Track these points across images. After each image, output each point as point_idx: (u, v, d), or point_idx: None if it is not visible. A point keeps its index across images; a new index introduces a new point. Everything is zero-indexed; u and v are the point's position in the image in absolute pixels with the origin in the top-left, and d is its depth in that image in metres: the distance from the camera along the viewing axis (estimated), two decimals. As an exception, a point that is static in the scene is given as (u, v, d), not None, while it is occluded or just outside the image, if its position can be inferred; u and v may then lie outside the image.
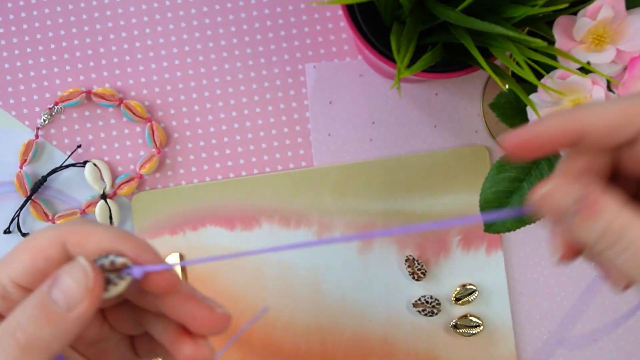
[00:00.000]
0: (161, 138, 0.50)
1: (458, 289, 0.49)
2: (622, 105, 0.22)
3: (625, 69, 0.34)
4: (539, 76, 0.35)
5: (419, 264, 0.49)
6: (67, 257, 0.24)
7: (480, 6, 0.34)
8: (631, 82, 0.33)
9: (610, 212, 0.21)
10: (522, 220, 0.38)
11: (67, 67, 0.51)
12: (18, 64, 0.51)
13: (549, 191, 0.22)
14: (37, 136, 0.50)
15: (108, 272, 0.24)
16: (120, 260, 0.24)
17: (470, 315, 0.49)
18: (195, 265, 0.50)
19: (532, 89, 0.37)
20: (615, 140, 0.22)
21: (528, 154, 0.23)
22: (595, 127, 0.22)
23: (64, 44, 0.51)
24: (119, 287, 0.24)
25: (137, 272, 0.24)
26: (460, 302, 0.49)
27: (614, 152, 0.24)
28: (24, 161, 0.50)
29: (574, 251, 0.25)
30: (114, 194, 0.50)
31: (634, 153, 0.22)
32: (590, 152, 0.24)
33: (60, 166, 0.50)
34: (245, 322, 0.50)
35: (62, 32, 0.51)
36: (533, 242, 0.50)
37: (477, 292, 0.49)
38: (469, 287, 0.49)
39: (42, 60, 0.51)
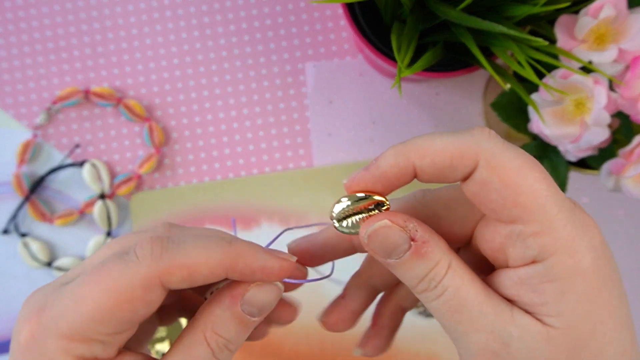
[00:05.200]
0: (160, 138, 0.50)
1: None
2: (452, 145, 0.21)
3: (627, 68, 0.34)
4: (541, 75, 0.34)
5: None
6: (165, 290, 0.23)
7: (481, 5, 0.34)
8: (633, 81, 0.33)
9: (436, 256, 0.22)
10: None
11: (66, 67, 0.50)
12: (16, 63, 0.50)
13: (383, 228, 0.22)
14: (35, 136, 0.50)
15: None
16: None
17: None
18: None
19: (534, 88, 0.36)
20: (447, 178, 0.22)
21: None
22: (426, 167, 0.21)
23: (62, 43, 0.50)
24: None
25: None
26: None
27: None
28: (22, 161, 0.50)
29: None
30: (113, 194, 0.50)
31: (468, 188, 0.22)
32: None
33: (59, 166, 0.50)
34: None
35: (61, 32, 0.50)
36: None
37: None
38: None
39: (40, 59, 0.50)
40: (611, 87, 0.34)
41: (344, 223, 0.23)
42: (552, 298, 0.20)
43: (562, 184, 0.38)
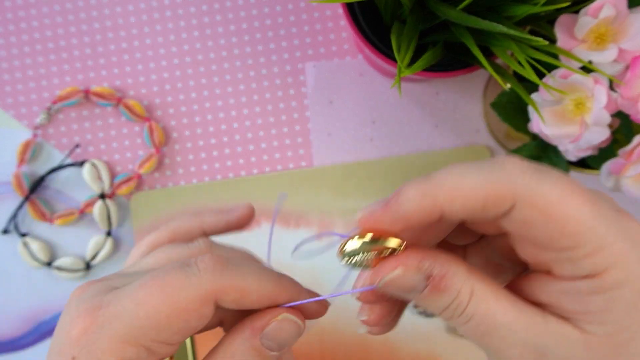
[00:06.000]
0: (160, 138, 0.50)
1: None
2: (485, 185, 0.20)
3: (627, 67, 0.34)
4: (541, 75, 0.34)
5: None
6: (214, 309, 0.23)
7: (481, 5, 0.34)
8: (633, 80, 0.33)
9: (456, 286, 0.21)
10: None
11: (66, 67, 0.50)
12: (16, 63, 0.50)
13: (396, 277, 0.21)
14: (35, 136, 0.50)
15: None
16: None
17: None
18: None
19: (534, 88, 0.36)
20: (479, 219, 0.21)
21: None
22: (456, 211, 0.20)
23: (62, 43, 0.50)
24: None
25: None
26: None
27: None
28: (22, 161, 0.50)
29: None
30: (113, 193, 0.50)
31: (506, 225, 0.21)
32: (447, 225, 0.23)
33: (59, 166, 0.50)
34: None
35: (61, 32, 0.50)
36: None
37: None
38: None
39: (40, 59, 0.50)
40: (611, 87, 0.34)
41: (353, 260, 0.22)
42: (598, 308, 0.20)
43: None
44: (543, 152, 0.39)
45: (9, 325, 0.50)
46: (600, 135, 0.34)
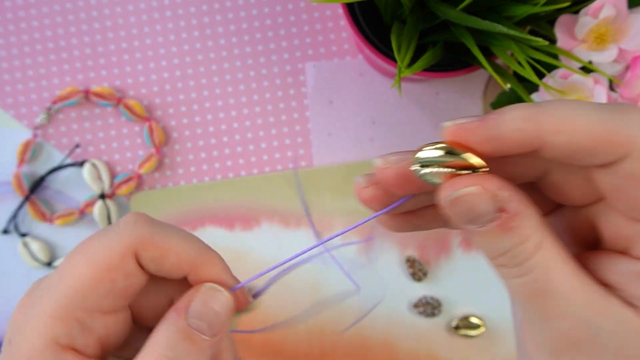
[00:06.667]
0: (160, 138, 0.50)
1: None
2: (600, 125, 0.17)
3: (627, 68, 0.34)
4: (541, 75, 0.34)
5: (419, 264, 0.49)
6: (139, 267, 0.22)
7: (481, 5, 0.34)
8: (633, 81, 0.33)
9: (526, 231, 0.18)
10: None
11: (66, 67, 0.50)
12: (16, 63, 0.50)
13: (469, 195, 0.18)
14: (35, 136, 0.50)
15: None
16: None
17: (472, 317, 0.49)
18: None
19: (534, 88, 0.36)
20: (580, 161, 0.18)
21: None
22: (559, 145, 0.18)
23: (62, 43, 0.50)
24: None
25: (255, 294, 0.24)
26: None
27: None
28: (22, 161, 0.50)
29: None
30: (113, 193, 0.50)
31: (605, 179, 0.18)
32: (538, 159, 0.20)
33: (59, 166, 0.50)
34: (245, 324, 0.50)
35: (61, 32, 0.50)
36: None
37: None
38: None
39: (40, 59, 0.50)
40: (611, 87, 0.34)
41: (426, 170, 0.19)
42: None
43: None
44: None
45: (9, 325, 0.50)
46: (600, 135, 0.34)
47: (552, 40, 0.35)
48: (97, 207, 0.49)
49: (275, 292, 0.50)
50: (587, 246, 0.21)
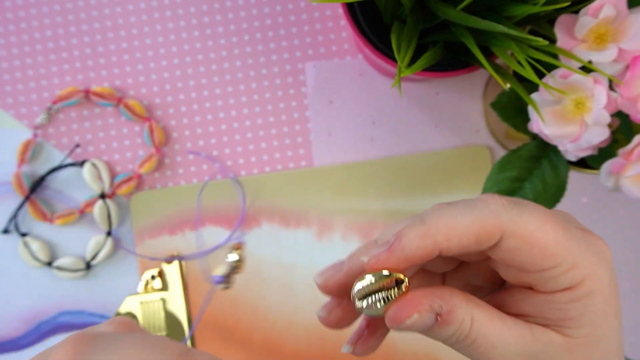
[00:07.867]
0: (160, 137, 0.50)
1: None
2: (476, 223, 0.22)
3: (627, 67, 0.34)
4: (541, 75, 0.34)
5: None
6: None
7: (481, 5, 0.34)
8: (633, 80, 0.33)
9: (459, 317, 0.23)
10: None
11: (66, 67, 0.51)
12: (16, 63, 0.50)
13: (414, 321, 0.23)
14: (35, 136, 0.50)
15: None
16: None
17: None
18: (194, 266, 0.50)
19: (534, 88, 0.36)
20: (471, 251, 0.23)
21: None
22: (453, 247, 0.23)
23: (62, 43, 0.50)
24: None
25: None
26: None
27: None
28: (22, 161, 0.50)
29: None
30: (113, 193, 0.50)
31: (495, 255, 0.23)
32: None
33: (59, 166, 0.50)
34: (245, 323, 0.50)
35: (61, 32, 0.50)
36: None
37: None
38: None
39: (40, 59, 0.51)
40: (611, 87, 0.34)
41: (365, 302, 0.23)
42: (577, 313, 0.23)
43: (562, 184, 0.38)
44: (543, 152, 0.39)
45: (9, 325, 0.50)
46: (600, 135, 0.34)
47: (552, 40, 0.35)
48: (97, 207, 0.49)
49: (276, 292, 0.50)
50: (496, 285, 0.27)
